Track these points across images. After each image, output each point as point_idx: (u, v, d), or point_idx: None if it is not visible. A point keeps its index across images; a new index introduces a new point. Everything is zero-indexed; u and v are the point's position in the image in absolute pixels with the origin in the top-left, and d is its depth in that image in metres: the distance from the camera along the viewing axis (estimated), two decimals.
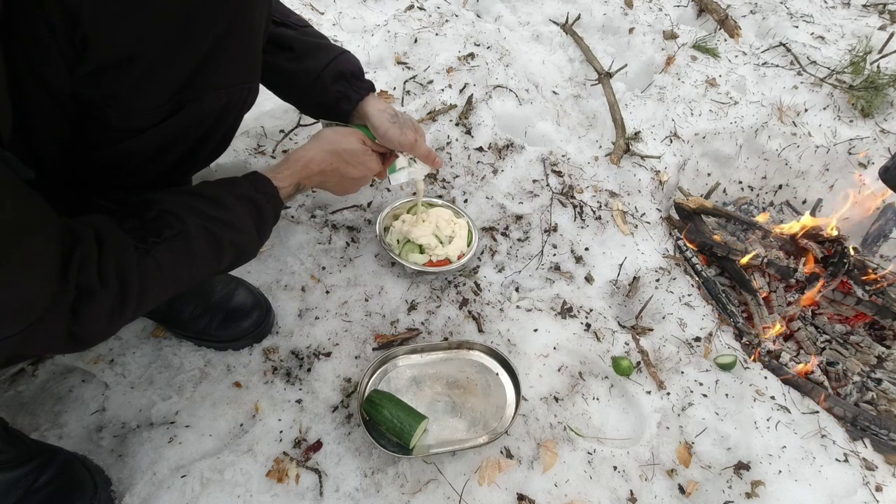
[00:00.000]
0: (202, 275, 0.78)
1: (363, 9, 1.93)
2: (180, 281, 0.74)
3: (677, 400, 1.16)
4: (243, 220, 0.80)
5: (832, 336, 1.49)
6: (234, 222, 0.78)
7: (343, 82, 1.05)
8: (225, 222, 0.77)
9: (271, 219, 0.86)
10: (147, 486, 0.91)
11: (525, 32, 2.01)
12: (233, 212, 0.78)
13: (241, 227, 0.79)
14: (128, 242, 0.66)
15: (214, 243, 0.75)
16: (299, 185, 0.93)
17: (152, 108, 0.68)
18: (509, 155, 1.55)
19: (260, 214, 0.83)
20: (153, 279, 0.68)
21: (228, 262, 0.80)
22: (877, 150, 1.88)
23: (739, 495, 1.05)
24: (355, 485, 0.94)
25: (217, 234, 0.75)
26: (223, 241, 0.76)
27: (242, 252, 0.82)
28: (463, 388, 1.08)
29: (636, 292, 1.35)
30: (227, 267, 0.82)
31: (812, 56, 2.13)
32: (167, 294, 0.74)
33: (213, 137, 0.81)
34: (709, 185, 1.84)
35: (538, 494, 0.98)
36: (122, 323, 0.68)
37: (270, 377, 1.06)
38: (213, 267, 0.78)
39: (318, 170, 0.95)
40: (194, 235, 0.72)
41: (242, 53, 0.75)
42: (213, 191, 0.79)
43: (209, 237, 0.74)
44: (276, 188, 0.86)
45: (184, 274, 0.73)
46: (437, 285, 1.25)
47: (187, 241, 0.71)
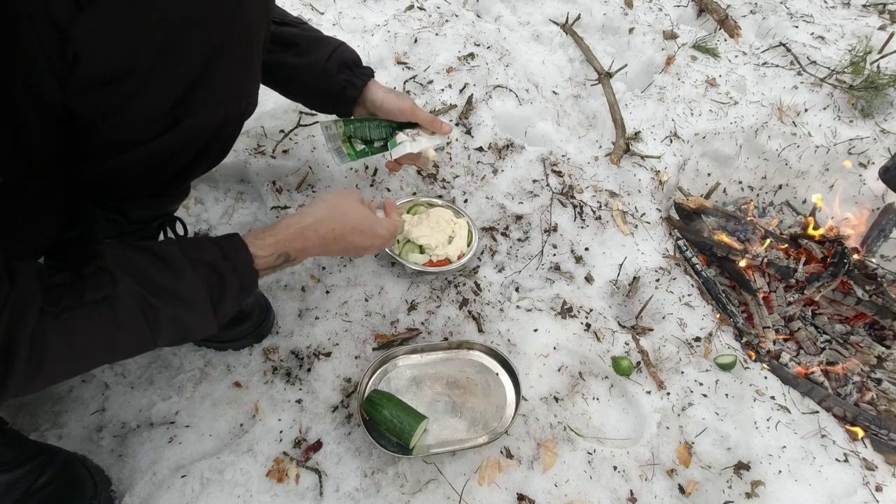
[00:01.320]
0: (123, 353, 0.66)
1: (363, 9, 1.92)
2: (91, 358, 0.63)
3: (677, 400, 1.16)
4: (195, 293, 0.67)
5: (832, 336, 1.49)
6: (181, 294, 0.66)
7: (347, 70, 1.06)
8: (170, 292, 0.65)
9: (234, 293, 0.72)
10: (147, 486, 0.91)
11: (525, 32, 2.01)
12: (183, 281, 0.66)
13: (189, 301, 0.67)
14: (33, 302, 0.57)
15: (148, 318, 0.64)
16: (288, 255, 0.81)
17: (147, 123, 0.66)
18: (509, 155, 1.55)
19: (221, 287, 0.70)
20: (51, 352, 0.58)
21: (166, 341, 0.68)
22: (877, 150, 1.88)
23: (739, 495, 1.05)
24: (355, 485, 0.94)
25: (154, 306, 0.64)
26: (160, 316, 0.64)
27: (186, 331, 0.69)
28: (463, 388, 1.08)
29: (636, 292, 1.35)
30: (162, 345, 0.69)
31: (812, 56, 2.13)
32: (72, 372, 0.63)
33: (213, 149, 0.78)
34: (709, 185, 1.84)
35: (538, 494, 0.98)
36: (5, 392, 0.57)
37: (270, 377, 1.06)
38: (139, 346, 0.66)
39: (316, 240, 0.84)
40: (123, 305, 0.61)
41: (239, 67, 0.71)
42: (167, 250, 0.68)
43: (144, 309, 0.63)
44: (250, 257, 0.74)
45: (97, 350, 0.63)
46: (437, 285, 1.25)
47: (113, 310, 0.61)
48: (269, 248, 0.77)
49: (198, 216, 1.32)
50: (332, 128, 1.11)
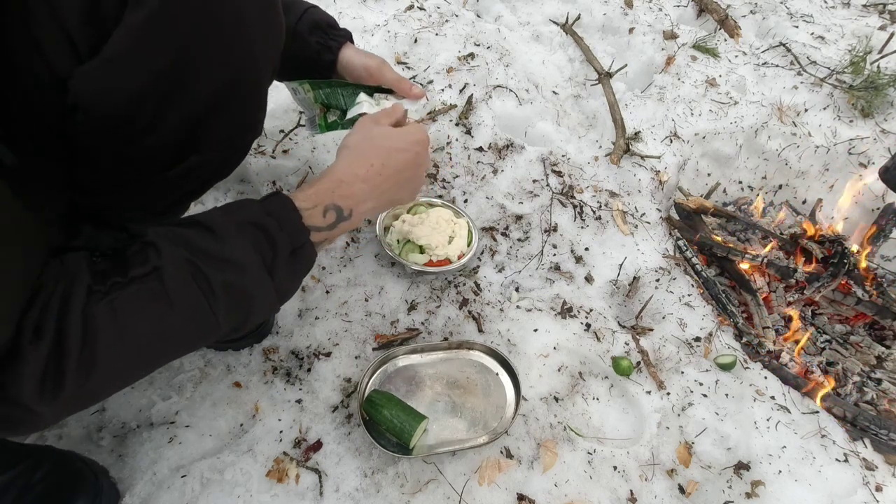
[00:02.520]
0: (183, 336, 0.60)
1: (363, 9, 1.92)
2: (148, 342, 0.57)
3: (677, 400, 1.16)
4: (244, 255, 0.61)
5: (832, 336, 1.49)
6: (229, 257, 0.60)
7: (320, 32, 0.97)
8: (218, 257, 0.59)
9: (286, 255, 0.65)
10: (147, 486, 0.91)
11: (525, 32, 2.01)
12: (229, 243, 0.61)
13: (240, 264, 0.61)
14: (81, 280, 0.53)
15: (201, 286, 0.58)
16: (339, 209, 0.72)
17: (149, 161, 0.63)
18: (509, 155, 1.55)
19: (271, 247, 0.64)
20: (104, 333, 0.53)
21: (226, 314, 0.61)
22: (877, 150, 1.88)
23: (739, 495, 1.05)
24: (355, 485, 0.94)
25: (205, 272, 0.58)
26: (213, 282, 0.58)
27: (246, 300, 0.62)
28: (463, 388, 1.08)
29: (636, 292, 1.35)
30: (227, 323, 0.62)
31: (812, 56, 2.13)
32: (128, 362, 0.57)
33: (220, 175, 0.75)
34: (709, 185, 1.84)
35: (538, 494, 0.98)
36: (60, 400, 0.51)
37: (270, 377, 1.06)
38: (199, 323, 0.60)
39: (361, 183, 0.75)
40: (172, 274, 0.56)
41: (248, 106, 0.67)
42: (211, 217, 0.64)
43: (195, 276, 0.58)
44: (296, 212, 0.67)
45: (152, 333, 0.57)
46: (437, 285, 1.25)
47: (162, 281, 0.56)
48: (310, 199, 0.69)
49: None
50: (300, 91, 0.99)
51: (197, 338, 0.63)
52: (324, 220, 0.71)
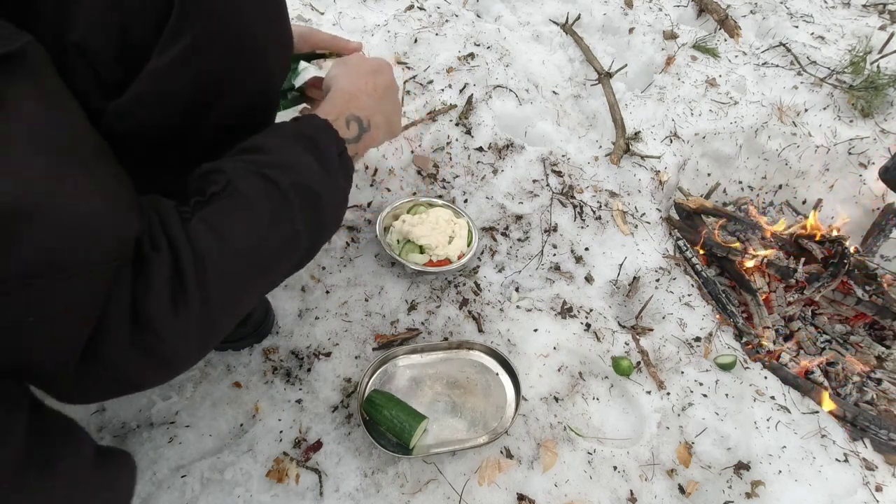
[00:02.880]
0: (274, 243, 0.61)
1: (363, 9, 1.92)
2: (246, 251, 0.58)
3: (677, 400, 1.16)
4: (298, 157, 0.64)
5: (832, 336, 1.49)
6: (286, 162, 0.63)
7: None
8: (276, 165, 0.62)
9: (333, 154, 0.68)
10: (147, 486, 0.91)
11: (525, 32, 2.01)
12: (281, 152, 0.64)
13: (297, 165, 0.63)
14: (167, 205, 0.56)
15: (272, 189, 0.60)
16: (357, 118, 0.76)
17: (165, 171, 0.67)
18: (509, 155, 1.55)
19: (315, 146, 0.67)
20: (207, 245, 0.54)
21: (302, 211, 0.62)
22: (877, 150, 1.88)
23: (739, 495, 1.05)
24: (355, 485, 0.94)
25: (272, 176, 0.60)
26: (282, 182, 0.61)
27: (314, 199, 0.64)
28: (463, 388, 1.08)
29: (636, 292, 1.35)
30: (305, 228, 0.63)
31: (812, 56, 2.13)
32: (235, 276, 0.58)
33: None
34: (709, 185, 1.84)
35: (538, 494, 0.98)
36: (189, 312, 0.52)
37: (270, 377, 1.06)
38: (285, 222, 0.61)
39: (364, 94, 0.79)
40: (244, 186, 0.58)
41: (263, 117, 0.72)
42: (253, 140, 0.66)
43: (265, 180, 0.60)
44: (326, 121, 0.70)
45: (247, 238, 0.58)
46: (437, 285, 1.25)
47: (237, 191, 0.58)
48: (330, 113, 0.72)
49: None
50: None
51: (284, 246, 0.63)
52: (348, 131, 0.74)
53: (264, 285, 0.66)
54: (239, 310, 0.62)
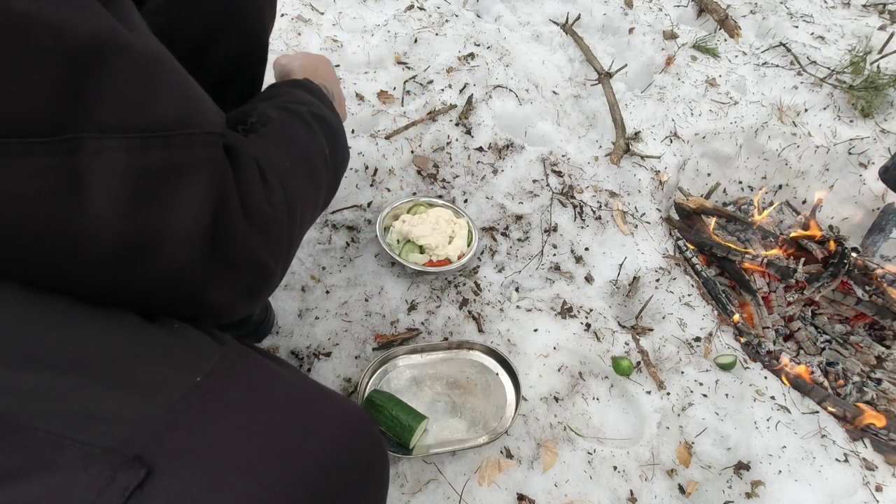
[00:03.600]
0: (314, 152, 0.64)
1: (363, 9, 1.92)
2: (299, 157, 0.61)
3: (677, 400, 1.16)
4: (303, 95, 0.70)
5: (832, 336, 1.49)
6: (298, 98, 0.69)
7: None
8: (290, 100, 0.67)
9: (324, 92, 0.75)
10: None
11: (525, 32, 2.01)
12: (289, 93, 0.70)
13: (307, 100, 0.69)
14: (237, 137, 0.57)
15: (297, 117, 0.65)
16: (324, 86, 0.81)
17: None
18: (509, 155, 1.55)
19: (309, 90, 0.73)
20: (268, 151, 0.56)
21: (324, 135, 0.67)
22: (877, 150, 1.87)
23: (739, 495, 1.05)
24: None
25: (291, 108, 0.65)
26: (303, 113, 0.66)
27: (328, 122, 0.69)
28: (463, 388, 1.08)
29: (636, 292, 1.35)
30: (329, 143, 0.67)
31: (812, 56, 2.13)
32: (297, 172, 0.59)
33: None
34: (709, 185, 1.84)
35: (538, 494, 0.98)
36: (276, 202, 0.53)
37: None
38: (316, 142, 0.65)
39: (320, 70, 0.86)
40: (275, 115, 0.62)
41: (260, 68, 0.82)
42: (258, 96, 0.72)
43: (287, 113, 0.64)
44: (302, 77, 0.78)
45: (296, 148, 0.61)
46: (437, 285, 1.25)
47: (272, 119, 0.62)
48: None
49: None
50: None
51: (322, 163, 0.65)
52: (315, 85, 0.78)
53: (316, 199, 0.67)
54: (305, 217, 0.62)
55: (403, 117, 1.57)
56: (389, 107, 1.61)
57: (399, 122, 1.56)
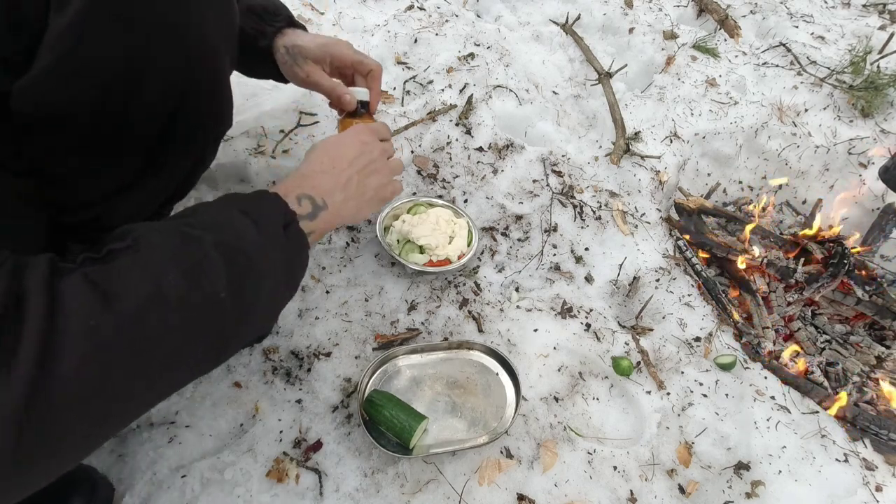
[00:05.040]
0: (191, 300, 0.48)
1: (363, 9, 1.92)
2: (142, 311, 0.44)
3: (677, 400, 1.16)
4: (231, 219, 0.56)
5: (832, 336, 1.49)
6: (216, 222, 0.55)
7: (254, 17, 0.91)
8: (203, 224, 0.54)
9: (276, 220, 0.61)
10: (147, 486, 0.91)
11: (525, 32, 2.01)
12: (214, 213, 0.57)
13: (229, 226, 0.55)
14: (40, 260, 0.43)
15: (193, 246, 0.50)
16: (310, 196, 0.70)
17: (116, 169, 0.61)
18: (509, 155, 1.55)
19: (257, 211, 0.59)
20: (80, 301, 0.40)
21: (228, 275, 0.51)
22: (877, 150, 1.88)
23: (739, 495, 1.05)
24: (355, 485, 0.94)
25: (193, 234, 0.51)
26: (204, 241, 0.51)
27: (247, 260, 0.54)
28: (463, 388, 1.08)
29: (636, 292, 1.35)
30: (233, 287, 0.51)
31: (812, 56, 2.13)
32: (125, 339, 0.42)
33: (198, 172, 0.73)
34: (709, 185, 1.84)
35: (538, 494, 0.98)
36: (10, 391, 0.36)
37: (270, 377, 1.06)
38: (202, 284, 0.49)
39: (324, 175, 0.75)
40: (156, 240, 0.48)
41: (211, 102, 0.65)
42: (192, 206, 0.59)
43: (183, 236, 0.50)
44: (277, 195, 0.65)
45: (146, 296, 0.44)
46: (437, 285, 1.25)
47: (145, 246, 0.47)
48: (280, 191, 0.67)
49: None
50: None
51: (200, 315, 0.49)
52: (300, 207, 0.68)
53: (164, 370, 0.47)
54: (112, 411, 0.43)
55: (403, 117, 1.57)
56: (389, 107, 1.61)
57: (399, 122, 1.56)
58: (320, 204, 0.72)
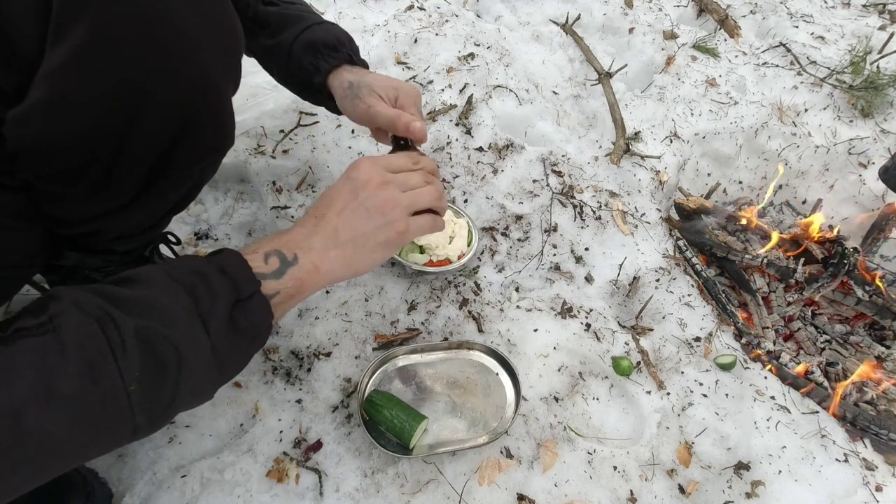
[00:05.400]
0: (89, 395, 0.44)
1: (363, 9, 1.92)
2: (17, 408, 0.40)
3: (677, 400, 1.16)
4: (172, 299, 0.50)
5: (832, 336, 1.49)
6: (152, 302, 0.49)
7: (314, 52, 0.90)
8: (136, 302, 0.48)
9: (226, 301, 0.53)
10: (147, 486, 0.91)
11: (525, 32, 2.01)
12: (155, 288, 0.51)
13: (163, 307, 0.49)
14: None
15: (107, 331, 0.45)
16: (279, 252, 0.62)
17: (115, 192, 0.60)
18: (509, 155, 1.55)
19: (207, 290, 0.52)
20: None
21: (139, 378, 0.46)
22: (877, 150, 1.88)
23: (739, 495, 1.05)
24: (355, 485, 0.94)
25: (114, 316, 0.46)
26: (124, 328, 0.46)
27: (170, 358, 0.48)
28: (463, 388, 1.08)
29: (636, 292, 1.35)
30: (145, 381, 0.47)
31: (812, 56, 2.13)
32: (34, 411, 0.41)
33: (198, 187, 0.73)
34: (709, 185, 1.84)
35: (538, 494, 0.98)
36: None
37: (270, 377, 1.06)
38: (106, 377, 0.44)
39: (298, 225, 0.67)
40: (71, 319, 0.44)
41: (212, 125, 0.63)
42: (142, 269, 0.53)
43: (101, 320, 0.45)
44: (241, 256, 0.59)
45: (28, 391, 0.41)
46: (437, 285, 1.25)
47: (56, 332, 0.43)
48: (250, 248, 0.62)
49: (198, 216, 1.32)
50: None
51: (96, 410, 0.45)
52: (266, 265, 0.61)
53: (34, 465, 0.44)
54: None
55: None
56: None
57: None
58: (290, 259, 0.63)
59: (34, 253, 0.64)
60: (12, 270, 0.62)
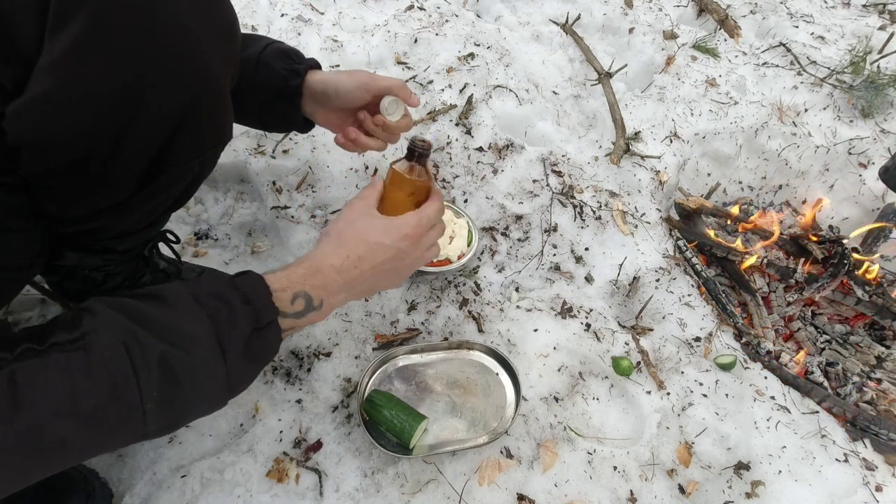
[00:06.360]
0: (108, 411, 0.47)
1: (363, 9, 1.92)
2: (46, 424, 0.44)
3: (677, 400, 1.16)
4: (196, 324, 0.53)
5: (832, 336, 1.49)
6: (177, 327, 0.52)
7: (286, 58, 0.92)
8: (163, 325, 0.51)
9: (246, 330, 0.57)
10: (147, 486, 0.91)
11: (525, 32, 2.01)
12: (182, 311, 0.54)
13: (188, 334, 0.52)
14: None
15: (132, 353, 0.48)
16: (308, 297, 0.65)
17: (115, 188, 0.60)
18: (509, 155, 1.55)
19: (230, 318, 0.56)
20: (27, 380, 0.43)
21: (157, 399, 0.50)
22: (877, 150, 1.88)
23: (739, 495, 1.05)
24: (355, 485, 0.94)
25: (142, 339, 0.49)
26: (148, 352, 0.49)
27: (187, 380, 0.52)
28: (463, 388, 1.08)
29: (636, 292, 1.35)
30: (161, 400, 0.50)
31: (812, 56, 2.13)
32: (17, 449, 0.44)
33: (197, 183, 0.73)
34: (709, 185, 1.84)
35: (538, 494, 0.98)
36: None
37: (270, 377, 1.06)
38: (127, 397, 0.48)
39: (334, 274, 0.69)
40: (101, 339, 0.47)
41: (212, 118, 0.63)
42: (168, 287, 0.57)
43: (128, 342, 0.48)
44: (267, 287, 0.61)
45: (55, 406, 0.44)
46: (437, 285, 1.25)
47: (87, 350, 0.47)
48: (280, 281, 0.64)
49: (198, 216, 1.32)
50: None
51: (113, 425, 0.49)
52: (291, 306, 0.64)
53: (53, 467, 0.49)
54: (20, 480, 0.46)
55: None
56: None
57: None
58: (316, 305, 0.67)
59: (34, 254, 0.65)
60: (13, 272, 0.63)
